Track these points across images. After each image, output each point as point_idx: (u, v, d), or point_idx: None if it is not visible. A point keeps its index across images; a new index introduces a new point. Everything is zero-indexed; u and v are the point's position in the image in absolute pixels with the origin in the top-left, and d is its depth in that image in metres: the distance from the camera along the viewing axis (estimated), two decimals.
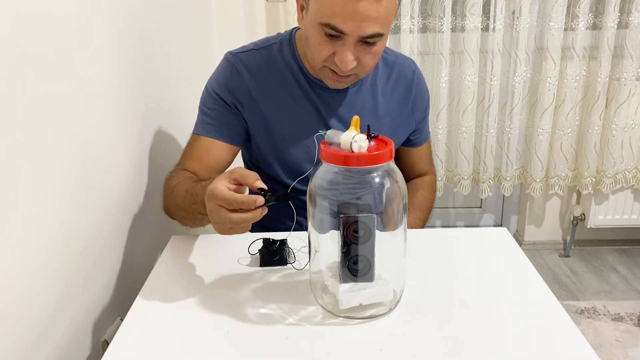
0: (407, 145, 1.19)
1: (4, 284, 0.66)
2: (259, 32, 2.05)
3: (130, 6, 1.08)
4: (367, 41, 0.87)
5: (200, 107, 1.06)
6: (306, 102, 1.04)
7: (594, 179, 2.17)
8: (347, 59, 0.88)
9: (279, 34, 1.07)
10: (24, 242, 0.70)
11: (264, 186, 0.74)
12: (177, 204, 0.95)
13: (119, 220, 1.00)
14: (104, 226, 0.93)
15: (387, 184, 0.71)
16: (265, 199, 0.72)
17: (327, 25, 0.85)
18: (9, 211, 0.66)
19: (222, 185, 0.74)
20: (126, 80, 1.03)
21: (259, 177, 0.76)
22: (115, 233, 0.98)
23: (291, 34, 1.05)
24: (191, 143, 1.05)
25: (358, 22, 0.84)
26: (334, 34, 0.86)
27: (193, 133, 1.05)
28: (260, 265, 0.89)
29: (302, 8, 0.93)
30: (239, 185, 0.76)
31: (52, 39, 0.77)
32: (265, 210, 0.74)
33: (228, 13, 1.83)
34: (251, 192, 0.76)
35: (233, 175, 0.76)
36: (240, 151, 1.11)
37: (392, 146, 0.70)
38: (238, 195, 0.73)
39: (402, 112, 1.12)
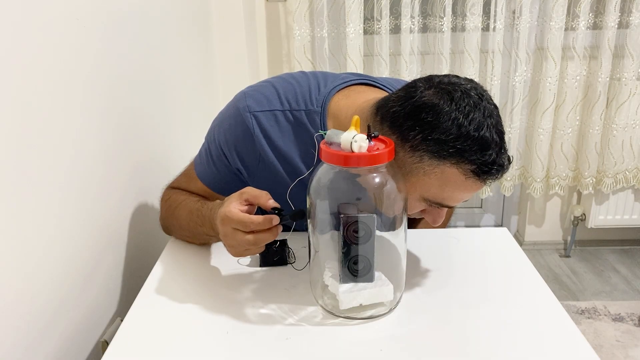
0: None
1: (4, 284, 0.66)
2: (259, 32, 2.05)
3: (130, 4, 1.08)
4: None
5: (206, 141, 0.96)
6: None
7: (594, 179, 2.17)
8: (440, 220, 0.82)
9: (308, 92, 0.90)
10: (23, 242, 0.70)
11: (277, 205, 0.75)
12: (180, 225, 0.94)
13: (118, 220, 1.00)
14: (103, 226, 0.93)
15: (388, 184, 0.71)
16: (281, 218, 0.73)
17: (437, 203, 0.78)
18: (8, 211, 0.66)
19: (235, 209, 0.74)
20: (124, 79, 1.03)
21: (270, 195, 0.75)
22: (115, 233, 0.98)
23: (322, 106, 0.88)
24: (188, 172, 0.98)
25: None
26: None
27: (193, 162, 0.98)
28: (260, 265, 0.89)
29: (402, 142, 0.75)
30: (250, 205, 0.76)
31: (51, 39, 0.76)
32: (281, 229, 0.74)
33: (228, 13, 1.83)
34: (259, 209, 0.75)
35: (244, 196, 0.76)
36: None
37: (393, 146, 0.69)
38: (254, 217, 0.72)
39: None
